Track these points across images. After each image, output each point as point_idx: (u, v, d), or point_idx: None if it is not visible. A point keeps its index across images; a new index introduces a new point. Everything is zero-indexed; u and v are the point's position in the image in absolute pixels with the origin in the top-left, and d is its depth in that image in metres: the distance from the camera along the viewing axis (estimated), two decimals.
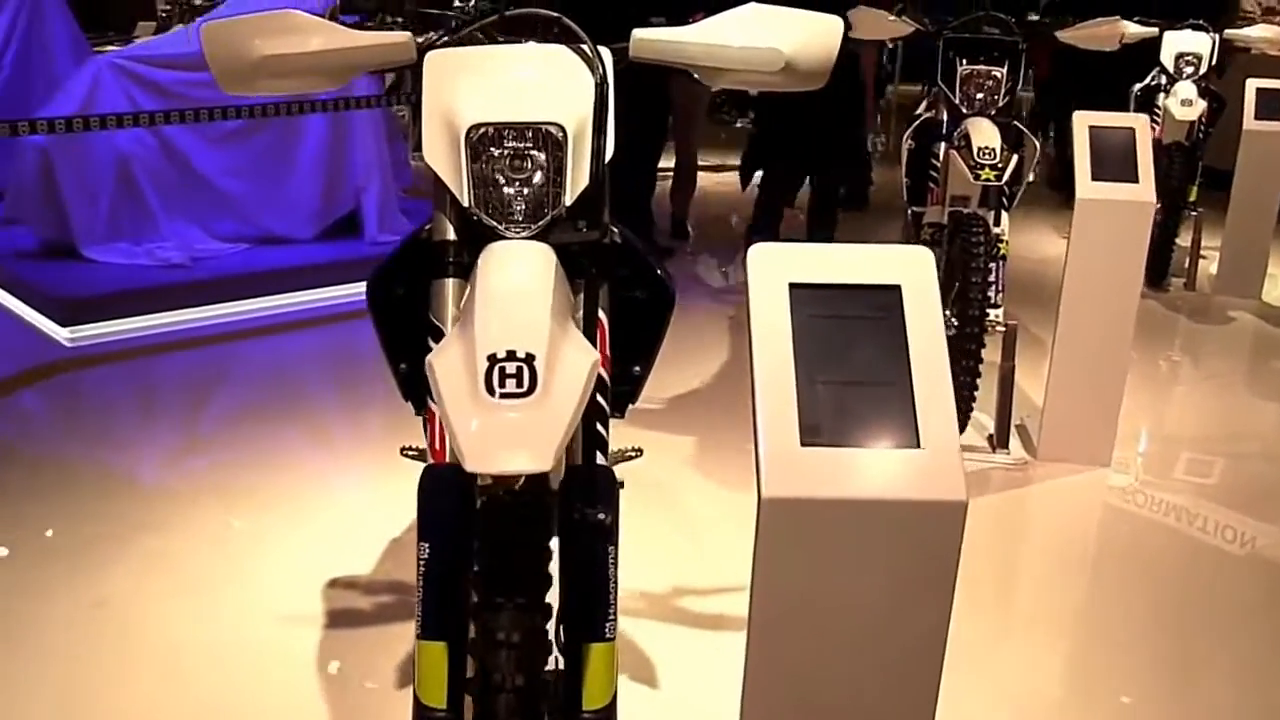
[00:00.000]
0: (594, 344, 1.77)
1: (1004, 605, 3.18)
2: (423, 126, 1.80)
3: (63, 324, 4.83)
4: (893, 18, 4.33)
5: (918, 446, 1.44)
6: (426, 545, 1.71)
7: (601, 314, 1.82)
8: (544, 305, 1.54)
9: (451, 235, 1.82)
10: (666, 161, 6.92)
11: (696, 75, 1.94)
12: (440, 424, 1.72)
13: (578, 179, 1.76)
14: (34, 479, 3.58)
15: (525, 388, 1.43)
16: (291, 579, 3.00)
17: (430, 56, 1.83)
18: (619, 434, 1.92)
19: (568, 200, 1.76)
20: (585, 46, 1.82)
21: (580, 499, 1.72)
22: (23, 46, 6.20)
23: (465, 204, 1.75)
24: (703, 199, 7.42)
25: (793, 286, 1.54)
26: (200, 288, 5.24)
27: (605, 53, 1.85)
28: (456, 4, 8.87)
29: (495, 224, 1.75)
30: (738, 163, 7.02)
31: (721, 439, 3.92)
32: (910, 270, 1.56)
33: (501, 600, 1.52)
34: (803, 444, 1.44)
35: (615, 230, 2.02)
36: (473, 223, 1.77)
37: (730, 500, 3.46)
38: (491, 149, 1.75)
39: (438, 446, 1.78)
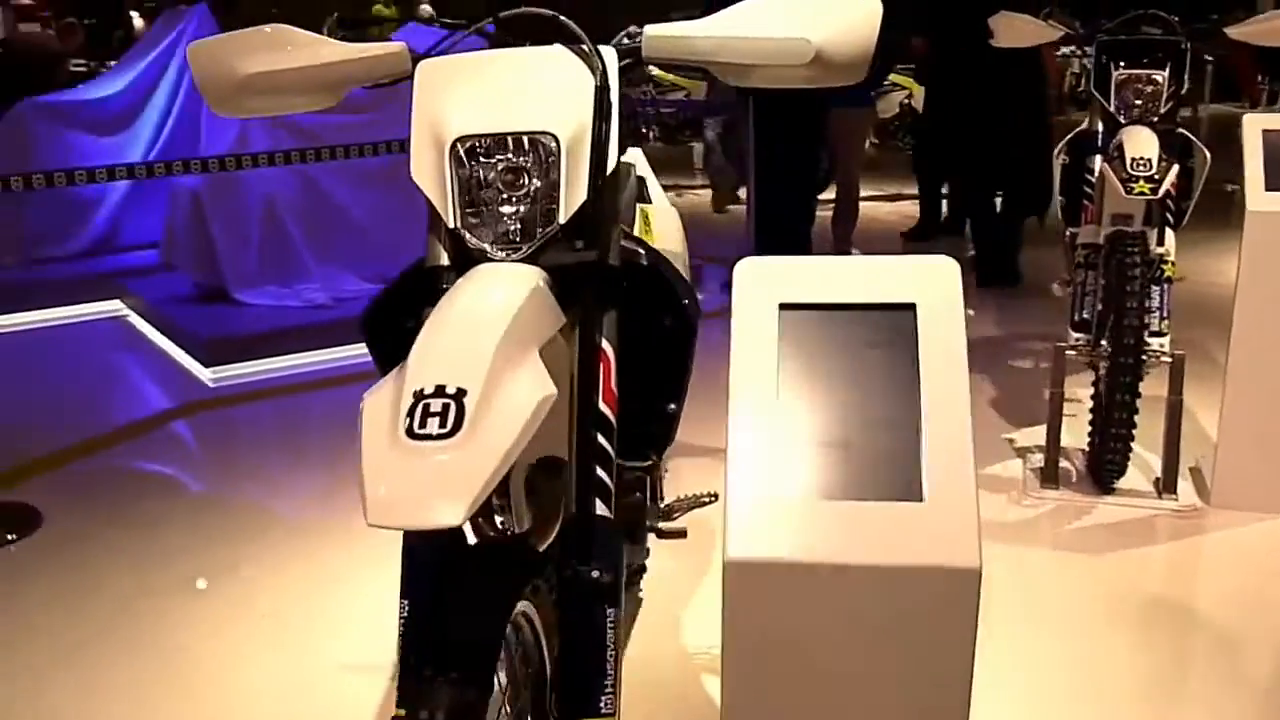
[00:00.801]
0: (592, 377, 1.57)
1: (1176, 676, 2.77)
2: (411, 142, 1.64)
3: (206, 364, 4.91)
4: (1039, 22, 3.97)
5: (921, 499, 1.17)
6: (406, 603, 1.55)
7: (607, 344, 1.60)
8: (491, 334, 1.34)
9: (445, 260, 1.64)
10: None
11: (717, 75, 1.72)
12: None
13: (573, 194, 1.56)
14: (194, 515, 3.61)
15: (448, 428, 1.23)
16: None
17: (422, 66, 1.68)
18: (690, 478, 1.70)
19: (562, 217, 1.56)
20: (584, 47, 1.62)
21: (574, 554, 1.52)
22: (189, 100, 6.41)
23: (450, 224, 1.58)
24: (872, 231, 7.12)
25: (783, 307, 1.30)
26: (342, 328, 5.25)
27: (609, 52, 1.66)
28: None
29: (483, 245, 1.57)
30: (911, 192, 6.73)
31: None
32: (929, 285, 1.29)
33: (429, 673, 1.31)
34: (780, 494, 1.19)
35: (642, 251, 1.81)
36: (464, 245, 1.59)
37: None
38: (478, 163, 1.58)
39: None
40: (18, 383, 5.10)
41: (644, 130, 10.62)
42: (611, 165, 1.60)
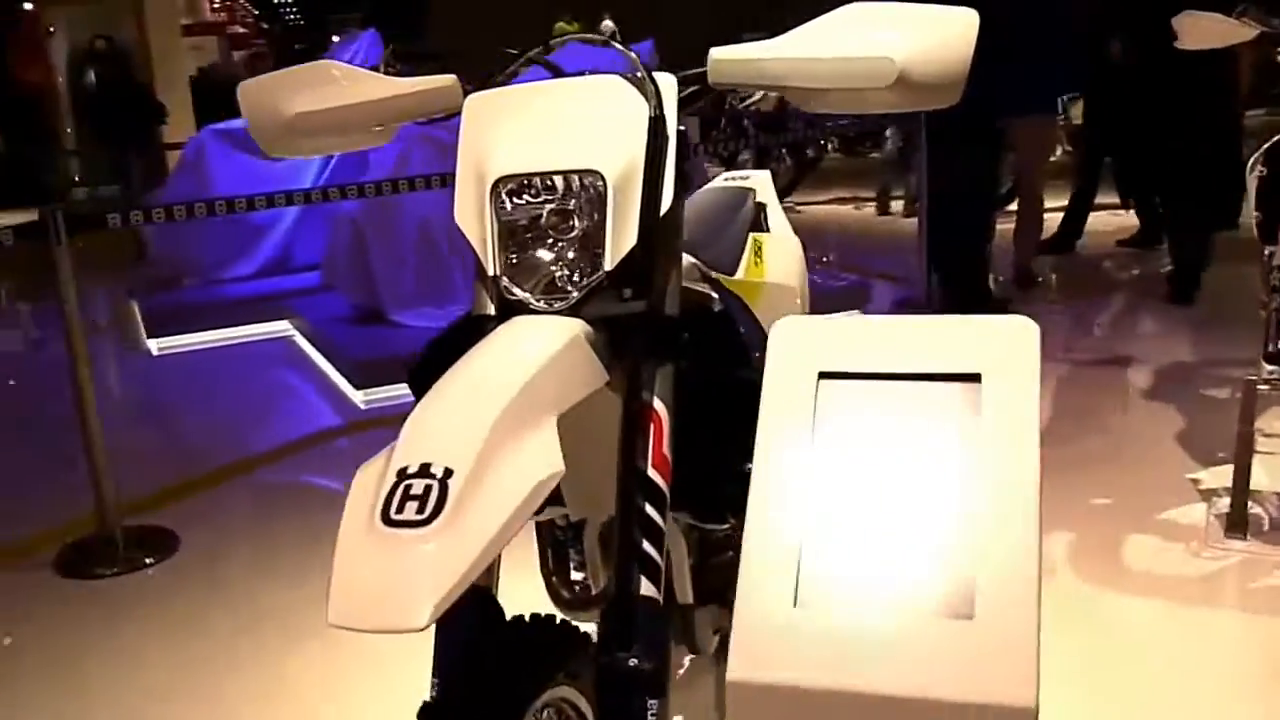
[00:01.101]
0: (638, 439, 1.39)
1: None
2: (457, 182, 1.50)
3: (357, 386, 4.93)
4: (1229, 20, 3.57)
5: (970, 617, 0.95)
6: (437, 682, 1.41)
7: (659, 403, 1.42)
8: (494, 404, 1.17)
9: (491, 310, 1.49)
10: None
11: (792, 100, 1.53)
12: None
13: (621, 239, 1.39)
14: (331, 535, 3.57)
15: (426, 514, 1.07)
16: None
17: (470, 100, 1.54)
18: None
19: (608, 264, 1.39)
20: (639, 74, 1.46)
21: (613, 638, 1.34)
22: None
23: (491, 271, 1.43)
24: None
25: (823, 376, 1.09)
26: None
27: (667, 80, 1.48)
28: None
29: (526, 295, 1.42)
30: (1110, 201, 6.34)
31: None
32: (1000, 351, 1.06)
33: None
34: (799, 603, 0.99)
35: (715, 295, 1.63)
36: (506, 295, 1.44)
37: None
38: (521, 204, 1.42)
39: None
40: (183, 401, 5.25)
41: (821, 142, 10.34)
42: (666, 205, 1.43)
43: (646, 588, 1.36)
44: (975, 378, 1.04)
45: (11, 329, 7.61)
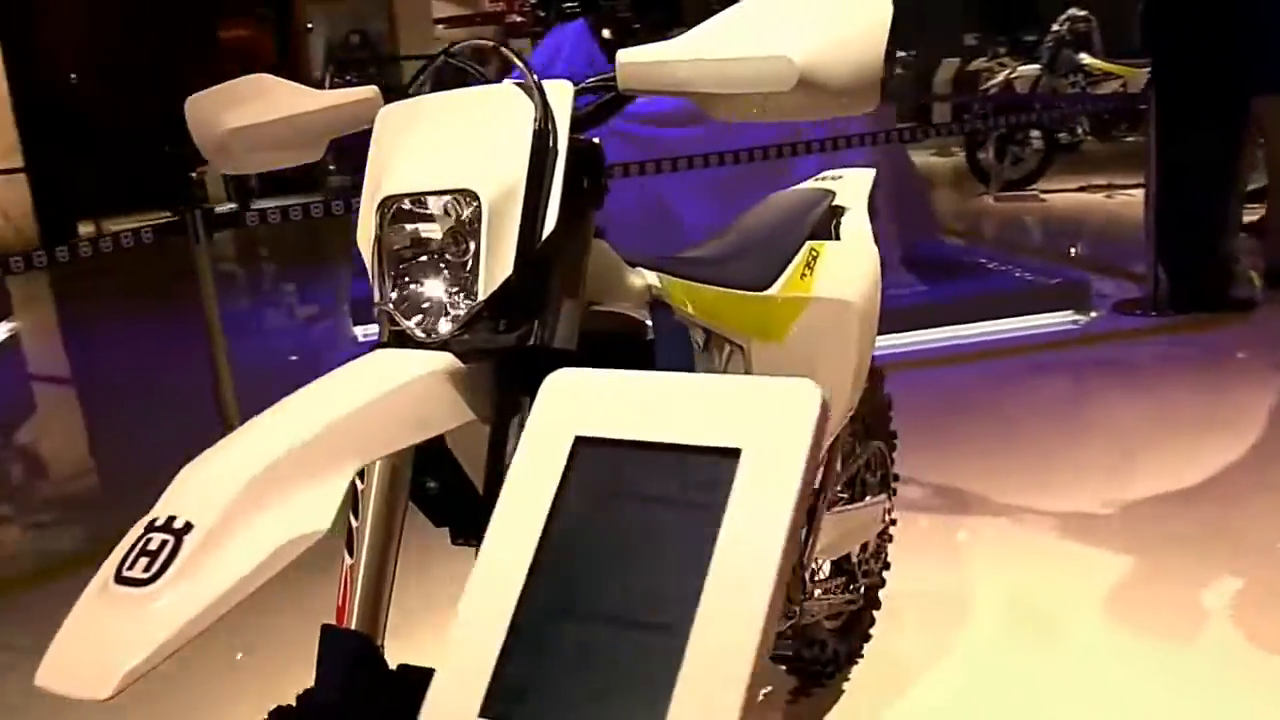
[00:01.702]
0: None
1: None
2: (361, 204, 1.41)
3: None
4: None
5: None
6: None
7: None
8: (269, 453, 1.07)
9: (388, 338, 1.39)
10: None
11: (700, 108, 1.35)
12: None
13: (496, 266, 1.26)
14: None
15: (151, 573, 0.98)
16: None
17: (380, 114, 1.43)
18: None
19: (482, 293, 1.26)
20: (526, 82, 1.32)
21: None
22: None
23: (376, 299, 1.33)
24: None
25: (580, 441, 0.93)
26: None
27: (559, 88, 1.33)
28: None
29: (409, 324, 1.31)
30: None
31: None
32: (770, 422, 0.87)
33: None
34: (482, 715, 0.84)
35: (650, 325, 1.47)
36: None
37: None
38: (402, 228, 1.32)
39: (340, 603, 1.36)
40: None
41: (1074, 125, 9.65)
42: (550, 227, 1.28)
43: None
44: (735, 453, 0.86)
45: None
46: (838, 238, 2.24)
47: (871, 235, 2.31)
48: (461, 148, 1.32)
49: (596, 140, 1.41)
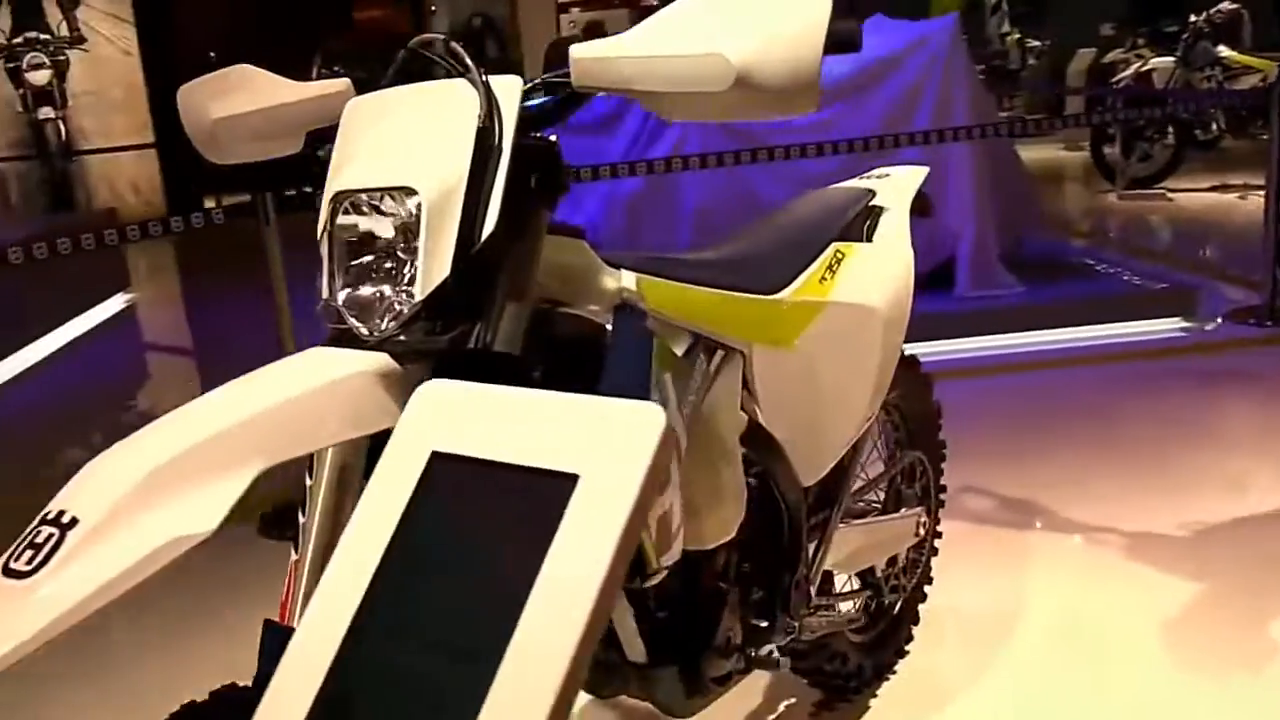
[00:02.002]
0: None
1: None
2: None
3: None
4: None
5: None
6: None
7: None
8: (167, 450, 1.06)
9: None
10: None
11: (645, 108, 1.30)
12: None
13: (434, 263, 1.23)
14: None
15: (33, 566, 0.99)
16: None
17: (346, 107, 1.41)
18: None
19: (419, 293, 1.24)
20: (471, 77, 1.28)
21: None
22: None
23: (324, 295, 1.32)
24: None
25: (436, 457, 0.89)
26: None
27: (507, 84, 1.30)
28: None
29: (355, 322, 1.29)
30: None
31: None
32: (611, 447, 0.82)
33: None
34: None
35: (610, 329, 1.42)
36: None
37: None
38: (350, 224, 1.30)
39: (284, 598, 1.35)
40: None
41: (1209, 122, 9.20)
42: (490, 226, 1.25)
43: None
44: (573, 478, 0.81)
45: None
46: (870, 239, 2.15)
47: (908, 236, 2.22)
48: (408, 144, 1.29)
49: (553, 138, 1.37)
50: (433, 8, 12.98)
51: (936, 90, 5.34)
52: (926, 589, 2.59)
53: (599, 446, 0.82)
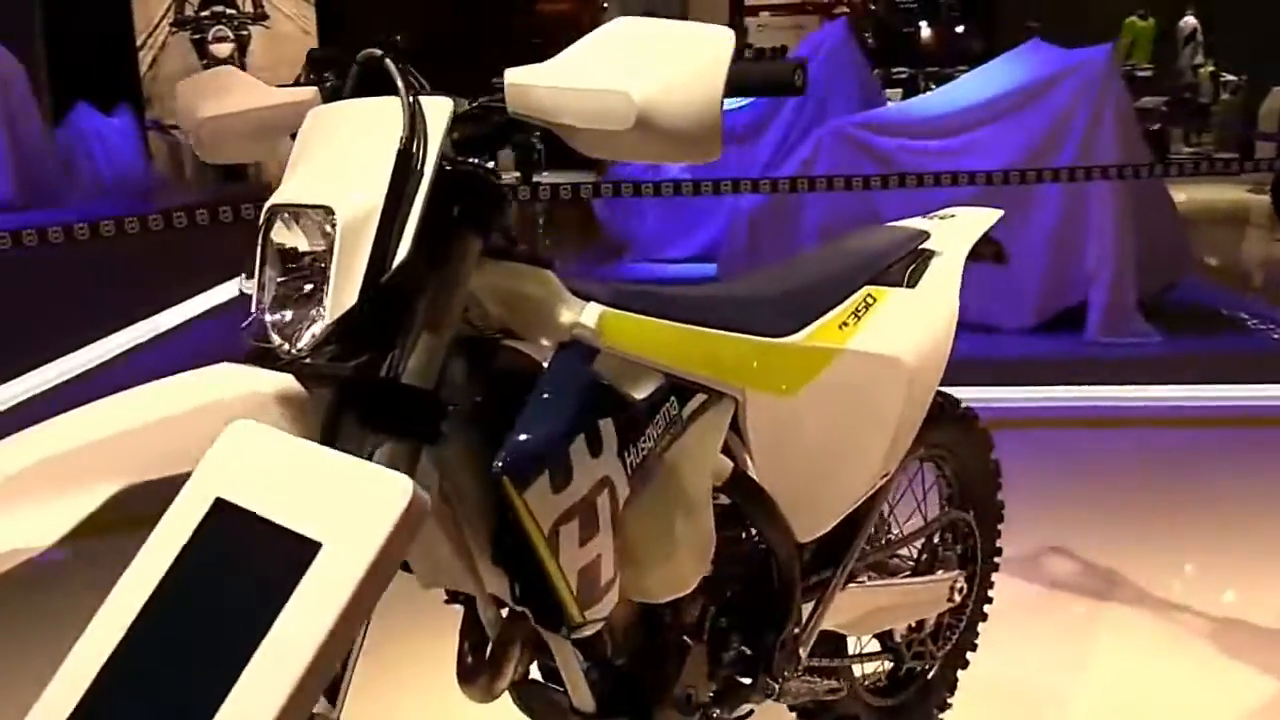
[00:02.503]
0: None
1: None
2: None
3: None
4: None
5: None
6: None
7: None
8: (18, 459, 1.05)
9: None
10: None
11: (564, 139, 1.22)
12: None
13: (345, 286, 1.18)
14: None
15: None
16: None
17: (306, 118, 1.37)
18: None
19: (327, 317, 1.19)
20: (399, 98, 1.23)
21: None
22: (809, 118, 6.34)
23: (252, 311, 1.28)
24: None
25: (219, 503, 0.85)
26: None
27: (436, 105, 1.24)
28: None
29: (275, 340, 1.25)
30: None
31: None
32: (355, 517, 0.77)
33: None
34: None
35: (545, 367, 1.35)
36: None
37: None
38: (276, 241, 1.26)
39: None
40: None
41: None
42: (403, 254, 1.19)
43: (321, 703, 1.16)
44: (316, 544, 0.76)
45: None
46: (913, 284, 2.02)
47: (957, 284, 2.08)
48: (336, 162, 1.25)
49: (489, 164, 1.31)
50: (604, 4, 13.07)
51: (1085, 122, 5.09)
52: (970, 655, 2.44)
53: (347, 513, 0.77)
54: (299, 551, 0.80)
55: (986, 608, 2.44)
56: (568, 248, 9.87)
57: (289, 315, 1.23)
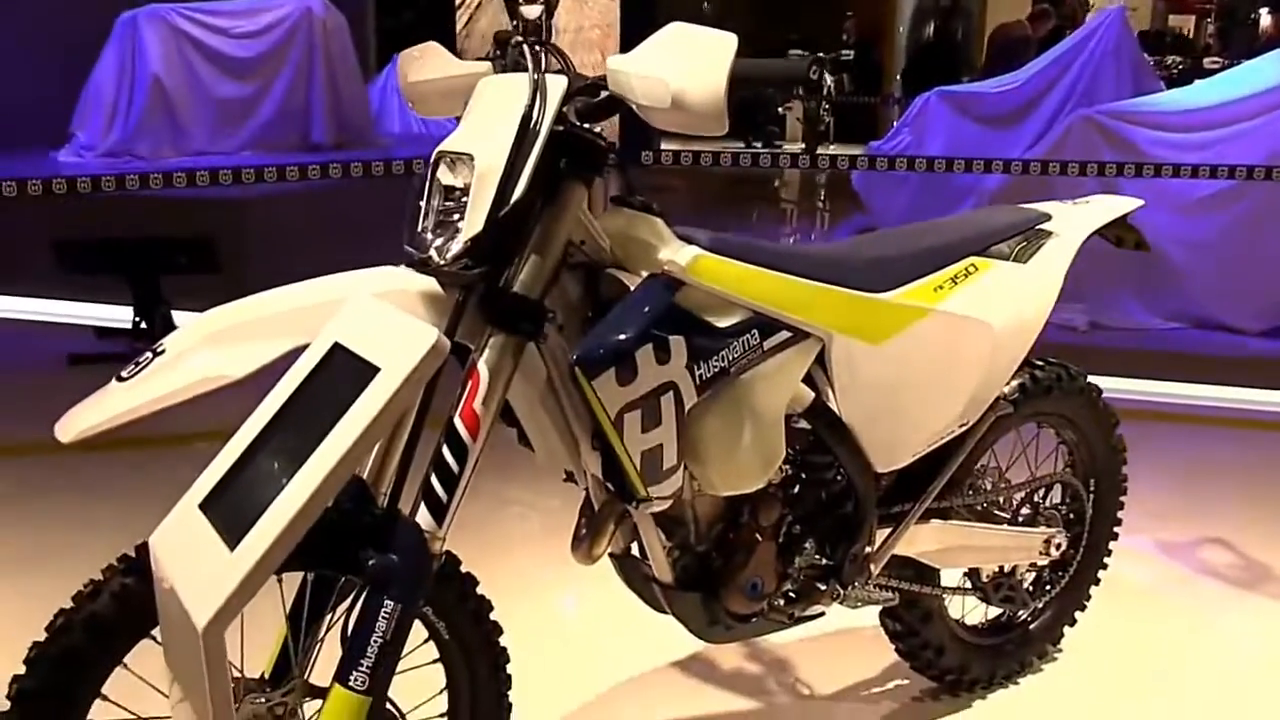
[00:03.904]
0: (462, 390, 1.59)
1: None
2: None
3: None
4: None
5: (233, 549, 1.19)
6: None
7: (484, 366, 1.59)
8: (239, 314, 1.54)
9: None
10: None
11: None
12: None
13: (475, 217, 1.58)
14: None
15: (128, 376, 1.51)
16: None
17: (477, 85, 1.77)
18: None
19: (461, 239, 1.58)
20: (530, 75, 1.62)
21: (372, 542, 1.56)
22: (1078, 102, 6.31)
23: (418, 228, 1.68)
24: None
25: (336, 345, 1.33)
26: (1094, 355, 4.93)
27: (555, 83, 1.62)
28: None
29: (431, 254, 1.65)
30: None
31: None
32: (402, 352, 1.29)
33: None
34: (203, 505, 1.26)
35: (631, 289, 1.71)
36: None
37: None
38: (438, 177, 1.67)
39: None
40: None
41: None
42: (518, 195, 1.57)
43: (425, 518, 1.56)
44: (376, 368, 1.20)
45: None
46: (1023, 260, 2.25)
47: (1066, 265, 2.29)
48: (484, 123, 1.65)
49: (596, 130, 1.67)
50: None
51: None
52: (1078, 615, 2.65)
53: (396, 349, 1.29)
54: (367, 372, 1.27)
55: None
56: (837, 218, 10.12)
57: (440, 235, 1.64)
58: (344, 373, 1.36)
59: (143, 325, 5.21)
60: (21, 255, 5.51)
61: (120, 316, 5.36)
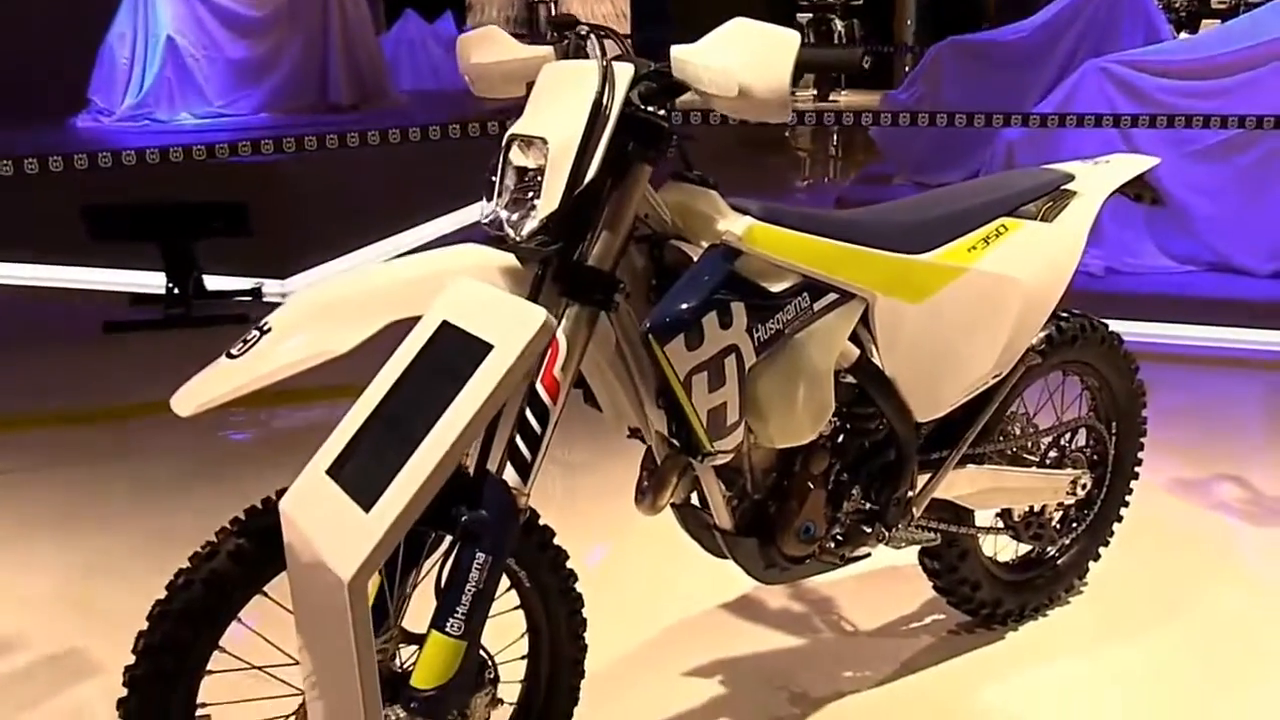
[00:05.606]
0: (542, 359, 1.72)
1: None
2: None
3: None
4: None
5: (368, 511, 1.29)
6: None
7: (562, 335, 1.71)
8: (340, 291, 1.68)
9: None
10: None
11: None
12: None
13: (550, 197, 1.69)
14: None
15: (238, 353, 1.63)
16: None
17: (542, 70, 1.87)
18: None
19: (538, 216, 1.70)
20: (598, 62, 1.73)
21: (463, 500, 1.70)
22: (1087, 52, 6.38)
23: (491, 206, 1.80)
24: None
25: (444, 323, 1.44)
26: (1116, 300, 5.06)
27: (623, 70, 1.73)
28: None
29: (508, 230, 1.77)
30: None
31: None
32: (514, 329, 1.41)
33: None
34: (329, 472, 1.38)
35: (693, 260, 1.84)
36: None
37: None
38: (511, 157, 1.79)
39: None
40: None
41: None
42: (590, 174, 1.68)
43: (511, 476, 1.70)
44: (489, 345, 1.33)
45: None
46: (1049, 219, 2.37)
47: (1089, 223, 2.41)
48: (554, 107, 1.77)
49: (660, 113, 1.78)
50: None
51: None
52: (1102, 550, 2.80)
53: (508, 327, 1.40)
54: (480, 350, 1.38)
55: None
56: (850, 166, 10.20)
57: (515, 213, 1.77)
58: (456, 349, 1.48)
59: (176, 291, 5.31)
60: (51, 223, 5.58)
61: (153, 282, 5.46)
